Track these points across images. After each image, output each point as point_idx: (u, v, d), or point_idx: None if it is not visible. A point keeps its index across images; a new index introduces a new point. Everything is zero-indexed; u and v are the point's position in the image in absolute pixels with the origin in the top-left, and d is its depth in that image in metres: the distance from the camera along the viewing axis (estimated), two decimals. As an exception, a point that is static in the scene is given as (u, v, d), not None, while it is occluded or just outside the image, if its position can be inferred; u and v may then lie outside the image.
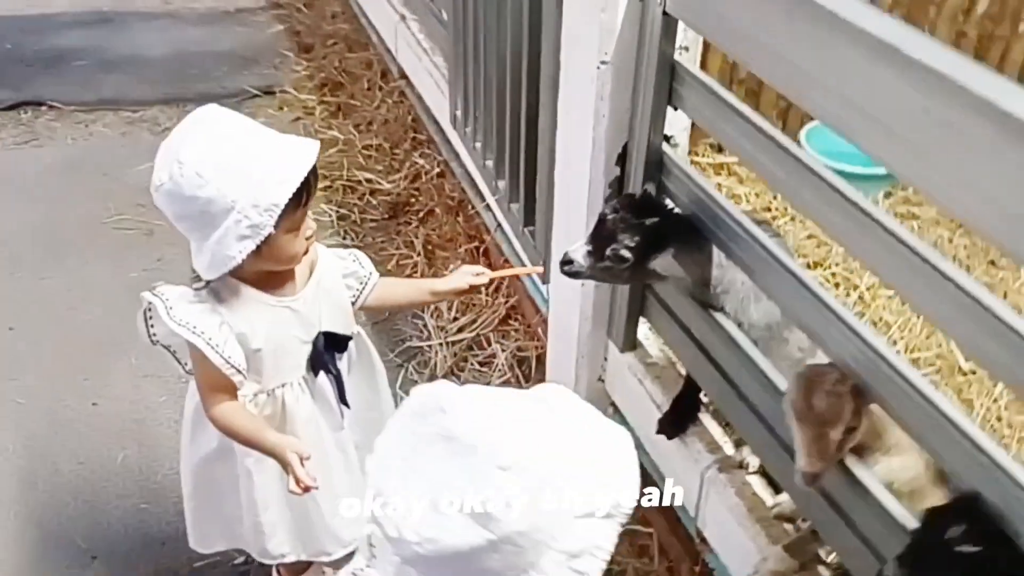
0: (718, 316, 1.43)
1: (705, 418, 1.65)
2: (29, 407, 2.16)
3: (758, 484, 1.52)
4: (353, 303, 1.54)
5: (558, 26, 1.59)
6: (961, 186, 0.92)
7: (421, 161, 2.93)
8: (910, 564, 0.98)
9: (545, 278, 1.96)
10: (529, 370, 2.22)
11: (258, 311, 1.40)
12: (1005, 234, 0.90)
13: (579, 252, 1.40)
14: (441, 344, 2.33)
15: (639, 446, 1.78)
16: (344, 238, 2.71)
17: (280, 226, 1.30)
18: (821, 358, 1.26)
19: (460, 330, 2.37)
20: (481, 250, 2.55)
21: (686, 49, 1.59)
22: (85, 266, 2.60)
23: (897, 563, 1.00)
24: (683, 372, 1.68)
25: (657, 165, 1.52)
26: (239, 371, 1.37)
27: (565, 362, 1.92)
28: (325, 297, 1.49)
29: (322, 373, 1.50)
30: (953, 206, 0.97)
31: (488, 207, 2.51)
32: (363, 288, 1.55)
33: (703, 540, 1.65)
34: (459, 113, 2.40)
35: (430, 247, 2.66)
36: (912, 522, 1.11)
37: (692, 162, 2.35)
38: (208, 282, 1.36)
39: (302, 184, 1.29)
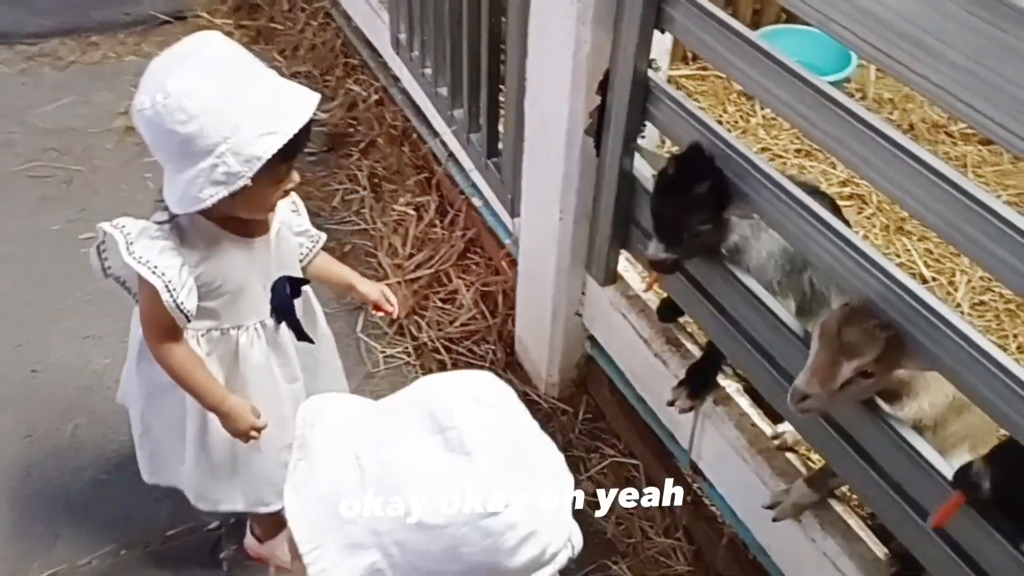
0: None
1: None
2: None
3: (756, 416, 1.51)
4: (299, 262, 1.49)
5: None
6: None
7: (356, 88, 2.77)
8: (1000, 464, 0.96)
9: (514, 211, 1.88)
10: (495, 305, 2.14)
11: (221, 251, 1.33)
12: None
13: (660, 251, 1.31)
14: (399, 283, 2.23)
15: (621, 376, 1.77)
16: (282, 175, 2.55)
17: (259, 179, 1.20)
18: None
19: (418, 267, 2.27)
20: (432, 181, 2.44)
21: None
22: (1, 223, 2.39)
23: (986, 462, 0.98)
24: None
25: (643, 92, 1.44)
26: (187, 318, 1.30)
27: (539, 297, 1.86)
28: (283, 245, 1.42)
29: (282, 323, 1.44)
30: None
31: (437, 135, 2.40)
32: (312, 249, 1.53)
33: (696, 471, 1.64)
34: (402, 36, 2.25)
35: (376, 180, 2.53)
36: (932, 455, 1.11)
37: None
38: (173, 217, 1.27)
39: (291, 139, 1.18)
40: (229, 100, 1.17)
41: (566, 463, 0.84)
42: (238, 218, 1.32)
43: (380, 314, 1.66)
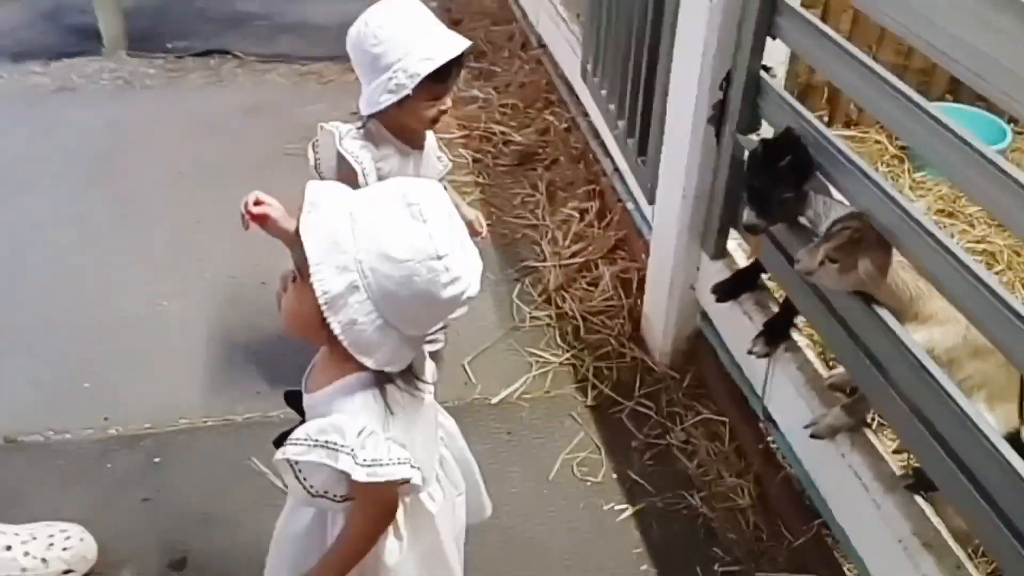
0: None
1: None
2: (212, 282, 2.59)
3: (817, 362, 1.78)
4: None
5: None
6: None
7: (551, 118, 3.28)
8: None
9: (652, 199, 2.26)
10: (630, 290, 2.51)
11: (391, 151, 1.83)
12: None
13: (752, 217, 1.64)
14: (554, 266, 2.65)
15: (721, 342, 2.07)
16: (477, 177, 3.08)
17: (420, 93, 1.69)
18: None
19: (572, 255, 2.69)
20: (596, 192, 2.88)
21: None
22: (261, 182, 3.03)
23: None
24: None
25: (755, 89, 1.80)
26: None
27: (662, 272, 2.22)
28: (428, 162, 1.93)
29: None
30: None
31: (607, 154, 2.84)
32: (443, 170, 2.00)
33: (768, 419, 1.91)
34: (589, 66, 2.72)
35: (552, 189, 3.00)
36: (950, 387, 1.35)
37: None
38: (364, 122, 1.80)
39: (444, 66, 1.67)
40: (405, 32, 1.67)
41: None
42: (405, 130, 1.82)
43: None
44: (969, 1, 1.21)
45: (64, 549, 1.76)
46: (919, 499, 1.50)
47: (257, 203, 1.61)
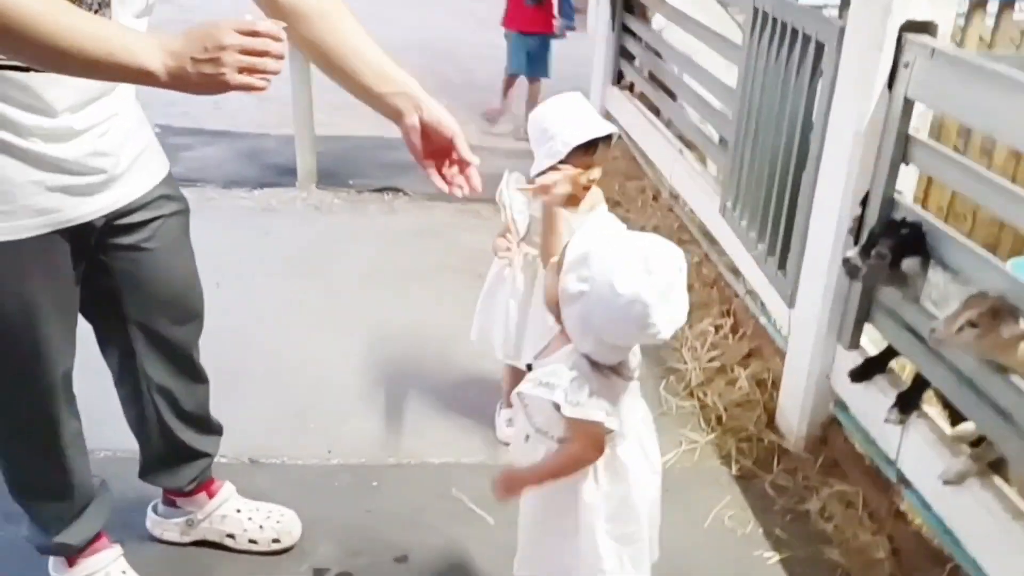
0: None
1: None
2: (403, 354, 3.08)
3: (943, 423, 2.13)
4: None
5: (826, 113, 2.41)
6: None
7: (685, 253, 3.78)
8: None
9: (792, 303, 2.68)
10: (765, 387, 2.89)
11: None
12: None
13: (854, 252, 2.11)
14: (695, 368, 3.06)
15: (857, 425, 2.42)
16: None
17: (572, 160, 2.17)
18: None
19: (711, 360, 3.10)
20: (729, 310, 3.32)
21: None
22: (432, 295, 3.57)
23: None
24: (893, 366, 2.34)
25: (889, 206, 2.26)
26: (518, 233, 2.40)
27: (800, 365, 2.61)
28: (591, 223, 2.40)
29: None
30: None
31: (739, 279, 3.30)
32: None
33: (902, 480, 2.23)
34: (729, 203, 3.24)
35: (689, 309, 3.44)
36: None
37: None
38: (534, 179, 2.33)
39: (593, 141, 2.18)
40: (567, 114, 2.22)
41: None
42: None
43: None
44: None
45: (278, 523, 2.19)
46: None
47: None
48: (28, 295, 1.56)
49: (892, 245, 2.02)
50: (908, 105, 2.15)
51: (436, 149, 1.55)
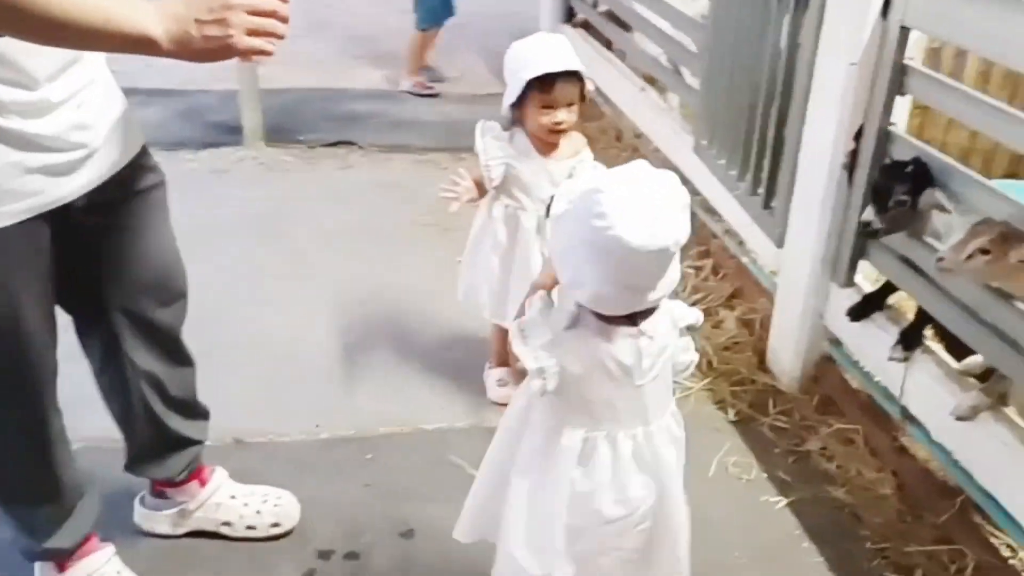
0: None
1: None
2: (374, 317, 2.96)
3: (948, 358, 2.12)
4: None
5: (815, 43, 2.33)
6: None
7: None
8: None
9: (781, 243, 2.63)
10: (753, 328, 2.86)
11: (524, 156, 2.27)
12: None
13: (872, 215, 2.03)
14: (679, 312, 3.00)
15: (856, 364, 2.39)
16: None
17: (530, 98, 2.16)
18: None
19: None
20: (707, 251, 3.26)
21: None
22: (401, 253, 3.43)
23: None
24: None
25: (884, 139, 2.20)
26: (491, 181, 2.28)
27: (793, 305, 2.57)
28: (568, 171, 2.31)
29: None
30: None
31: (717, 219, 3.24)
32: None
33: (907, 416, 2.22)
34: (705, 142, 3.16)
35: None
36: None
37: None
38: (507, 124, 2.28)
39: (550, 80, 2.13)
40: (530, 51, 2.17)
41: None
42: (534, 137, 2.25)
43: None
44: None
45: (275, 506, 2.09)
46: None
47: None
48: (13, 287, 1.43)
49: (907, 189, 1.96)
50: (904, 33, 2.08)
51: None
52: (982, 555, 2.00)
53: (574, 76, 2.19)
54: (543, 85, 2.16)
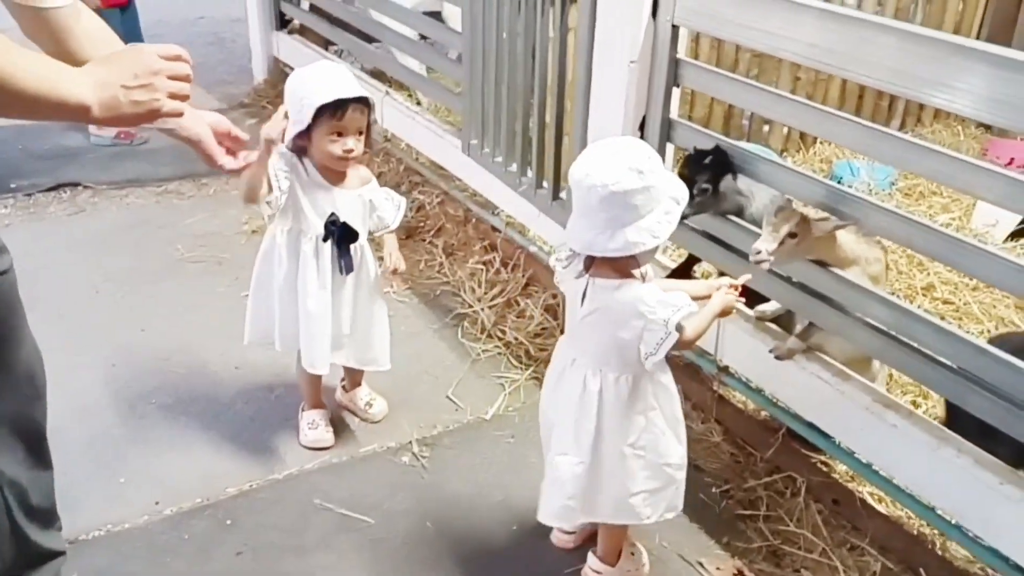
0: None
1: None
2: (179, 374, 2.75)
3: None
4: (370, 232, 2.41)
5: (590, 43, 2.50)
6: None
7: (422, 196, 3.75)
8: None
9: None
10: (556, 312, 3.02)
11: (313, 185, 2.25)
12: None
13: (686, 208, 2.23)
14: (482, 308, 3.10)
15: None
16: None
17: (319, 125, 2.14)
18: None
19: (493, 298, 3.15)
20: (492, 246, 3.38)
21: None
22: (178, 288, 3.21)
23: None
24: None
25: (667, 128, 2.43)
26: (280, 194, 2.19)
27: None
28: (356, 207, 2.32)
29: (329, 243, 2.27)
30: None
31: (496, 214, 3.36)
32: (376, 230, 2.41)
33: (722, 370, 2.49)
34: (474, 141, 3.26)
35: (449, 250, 3.46)
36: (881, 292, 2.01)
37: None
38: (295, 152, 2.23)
39: (342, 105, 2.12)
40: (316, 80, 2.14)
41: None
42: (321, 167, 2.22)
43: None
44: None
45: None
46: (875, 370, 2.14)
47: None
48: None
49: (709, 176, 2.19)
50: (675, 31, 2.31)
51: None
52: (810, 476, 2.31)
53: (363, 103, 2.19)
54: (334, 112, 2.13)
